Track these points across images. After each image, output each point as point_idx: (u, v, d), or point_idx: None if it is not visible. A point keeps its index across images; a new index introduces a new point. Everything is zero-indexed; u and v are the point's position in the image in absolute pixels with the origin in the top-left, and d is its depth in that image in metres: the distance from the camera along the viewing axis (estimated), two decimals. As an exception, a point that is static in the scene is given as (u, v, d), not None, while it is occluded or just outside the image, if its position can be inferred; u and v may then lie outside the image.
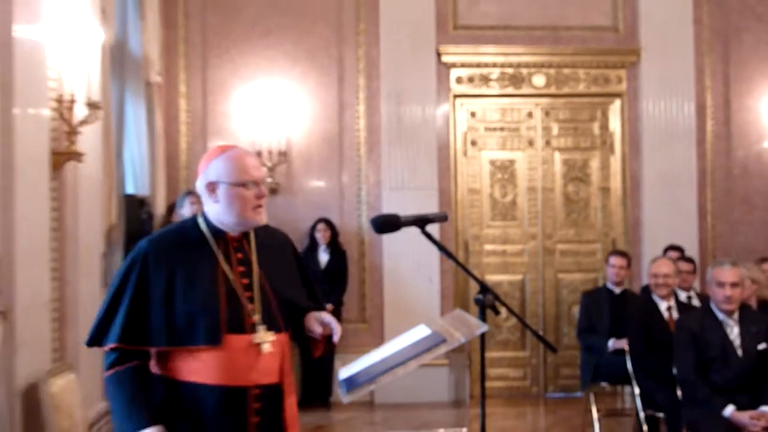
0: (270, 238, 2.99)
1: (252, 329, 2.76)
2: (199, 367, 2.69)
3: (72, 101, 4.58)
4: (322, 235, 7.87)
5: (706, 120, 8.53)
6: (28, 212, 4.16)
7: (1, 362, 3.81)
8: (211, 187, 2.81)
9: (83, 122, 4.68)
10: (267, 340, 2.79)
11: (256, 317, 2.78)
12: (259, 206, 2.83)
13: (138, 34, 6.80)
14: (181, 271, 2.73)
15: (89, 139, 5.02)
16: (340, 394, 2.79)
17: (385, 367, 2.74)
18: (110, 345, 2.68)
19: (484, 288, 2.97)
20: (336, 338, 2.87)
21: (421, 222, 2.98)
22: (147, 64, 7.01)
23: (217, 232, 2.84)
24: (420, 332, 2.88)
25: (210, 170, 2.83)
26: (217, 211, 2.84)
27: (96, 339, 2.74)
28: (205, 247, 2.81)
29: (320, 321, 2.86)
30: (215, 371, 2.69)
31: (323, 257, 7.89)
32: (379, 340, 7.54)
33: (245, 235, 2.89)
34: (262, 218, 2.88)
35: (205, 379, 2.70)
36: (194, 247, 2.80)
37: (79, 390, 4.55)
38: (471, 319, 2.97)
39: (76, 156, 4.68)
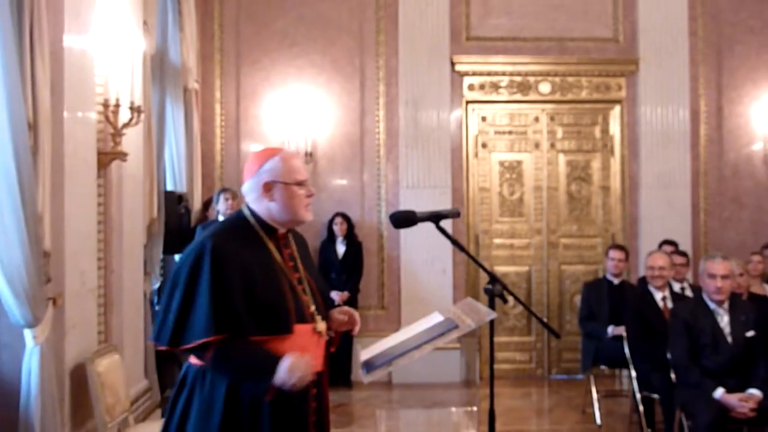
0: (297, 236, 2.98)
1: (312, 318, 2.75)
2: None
3: (117, 105, 4.60)
4: (339, 228, 7.88)
5: (699, 125, 8.48)
6: (77, 207, 4.19)
7: (51, 344, 3.82)
8: (267, 186, 2.76)
9: (127, 125, 4.70)
10: (323, 328, 2.80)
11: (312, 307, 2.78)
12: (309, 204, 2.84)
13: (177, 44, 6.83)
14: (249, 265, 2.67)
15: (132, 140, 5.04)
16: (361, 375, 2.79)
17: (402, 351, 2.74)
18: (199, 341, 2.56)
19: (493, 279, 2.97)
20: (356, 330, 2.90)
21: (435, 218, 2.98)
22: (185, 72, 7.04)
23: (269, 229, 2.81)
24: (434, 319, 2.89)
25: (265, 171, 2.78)
26: (270, 209, 2.79)
27: (176, 339, 2.60)
28: (261, 243, 2.77)
29: (348, 313, 2.88)
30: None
31: (340, 248, 7.91)
32: (396, 325, 7.56)
33: (287, 232, 2.88)
34: (311, 216, 2.88)
35: None
36: (252, 243, 2.75)
37: (123, 369, 4.57)
38: (481, 307, 2.96)
39: (121, 156, 4.71)
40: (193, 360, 2.69)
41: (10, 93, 3.39)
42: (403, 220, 2.99)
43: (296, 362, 2.55)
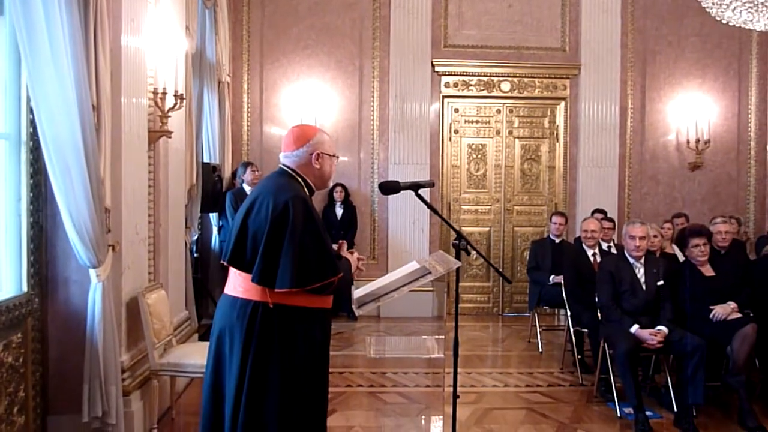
0: None
1: None
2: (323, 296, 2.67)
3: (164, 93, 4.55)
4: (338, 195, 7.90)
5: (627, 118, 8.48)
6: (132, 173, 4.17)
7: (111, 281, 3.82)
8: (318, 155, 2.74)
9: (172, 109, 4.65)
10: None
11: None
12: None
13: (213, 45, 6.75)
14: (319, 219, 2.66)
15: (176, 121, 5.00)
16: (354, 309, 2.81)
17: (386, 291, 2.76)
18: (336, 276, 2.57)
19: (460, 236, 2.98)
20: (354, 270, 2.91)
21: (414, 187, 2.99)
22: (219, 68, 6.97)
23: (311, 190, 2.79)
24: (411, 266, 2.90)
25: (316, 143, 2.75)
26: (315, 175, 2.78)
27: (322, 274, 2.55)
28: (311, 200, 2.72)
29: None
30: (329, 298, 2.72)
31: (339, 211, 7.93)
32: (385, 272, 7.50)
33: None
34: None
35: (325, 303, 2.72)
36: (311, 201, 2.69)
37: (168, 302, 4.58)
38: (449, 258, 2.98)
39: (167, 133, 4.67)
40: (258, 297, 2.59)
41: (78, 81, 3.35)
42: (389, 188, 3.00)
43: (351, 258, 2.84)
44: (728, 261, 5.32)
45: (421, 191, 3.01)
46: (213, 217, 7.23)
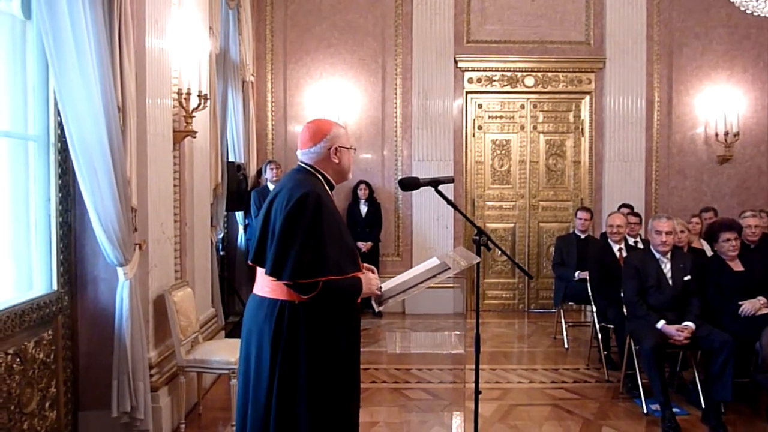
0: None
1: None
2: None
3: (188, 94, 4.60)
4: (362, 193, 7.90)
5: (653, 112, 8.37)
6: (157, 173, 4.22)
7: (138, 279, 3.88)
8: (336, 149, 2.74)
9: (196, 109, 4.70)
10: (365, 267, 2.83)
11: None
12: None
13: (237, 46, 6.80)
14: (335, 215, 2.65)
15: (201, 121, 5.06)
16: (374, 305, 2.81)
17: (407, 287, 2.76)
18: (325, 277, 2.51)
19: (480, 231, 2.97)
20: None
21: (434, 183, 2.98)
22: (243, 68, 7.02)
23: (330, 186, 2.78)
24: (432, 262, 2.89)
25: (332, 137, 2.74)
26: (334, 169, 2.77)
27: (313, 271, 2.49)
28: (329, 196, 2.71)
29: (371, 269, 2.88)
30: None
31: (363, 208, 7.92)
32: (409, 269, 7.59)
33: None
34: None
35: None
36: (328, 196, 2.68)
37: (194, 300, 4.64)
38: (470, 254, 2.97)
39: (192, 133, 4.72)
40: (285, 297, 2.59)
41: (104, 83, 3.41)
42: (409, 184, 2.99)
43: (369, 278, 2.71)
44: (758, 255, 5.22)
45: (443, 187, 3.01)
46: (239, 215, 7.31)
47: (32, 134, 3.51)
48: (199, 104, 4.72)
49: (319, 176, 2.75)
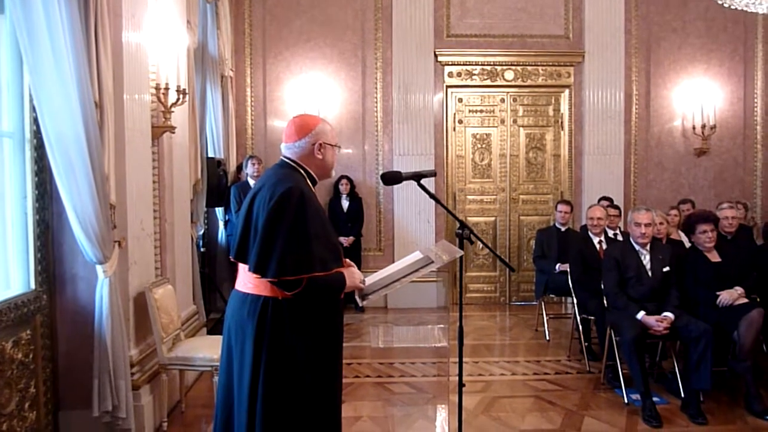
0: None
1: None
2: None
3: (166, 88, 4.55)
4: (344, 188, 7.88)
5: (632, 105, 8.45)
6: (136, 169, 4.18)
7: (118, 276, 3.84)
8: (320, 145, 2.72)
9: (174, 104, 4.65)
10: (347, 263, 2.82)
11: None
12: None
13: (215, 39, 6.73)
14: (319, 211, 2.64)
15: (179, 116, 5.00)
16: (357, 300, 2.81)
17: (390, 281, 2.76)
18: (309, 274, 2.49)
19: (463, 225, 2.98)
20: None
21: (417, 177, 2.98)
22: (222, 62, 6.96)
23: (313, 181, 2.77)
24: (415, 256, 2.90)
25: (317, 133, 2.73)
26: (318, 165, 2.76)
27: (297, 268, 2.48)
28: (313, 192, 2.69)
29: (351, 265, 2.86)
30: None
31: (345, 203, 7.90)
32: (391, 263, 7.60)
33: None
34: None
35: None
36: (312, 193, 2.67)
37: (175, 297, 4.59)
38: (453, 247, 2.98)
39: (170, 129, 4.67)
40: (268, 293, 2.57)
41: (80, 78, 3.35)
42: (391, 178, 2.99)
43: (351, 272, 2.70)
44: (735, 246, 5.30)
45: (425, 181, 3.01)
46: (219, 211, 7.26)
47: (7, 131, 3.45)
48: (178, 99, 4.67)
49: (302, 171, 2.74)
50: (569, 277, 6.01)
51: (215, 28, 6.72)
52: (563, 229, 6.82)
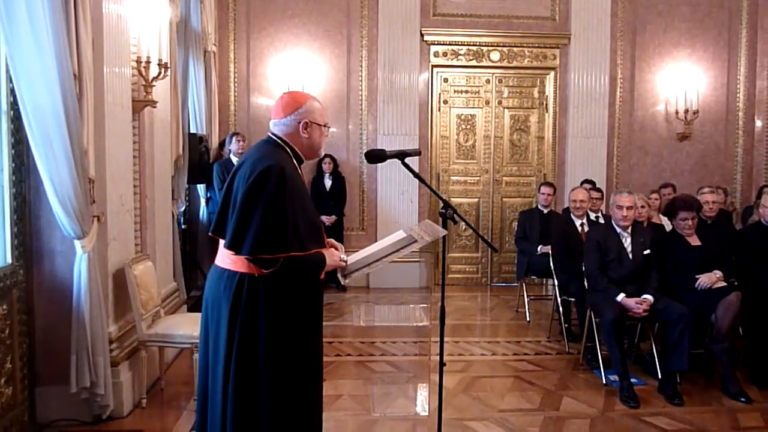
0: None
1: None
2: None
3: (147, 62, 4.47)
4: (327, 167, 7.83)
5: (616, 88, 8.45)
6: (116, 143, 4.11)
7: (97, 252, 3.80)
8: (306, 124, 2.68)
9: (156, 78, 4.57)
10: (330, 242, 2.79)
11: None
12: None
13: (198, 14, 6.61)
14: (301, 189, 2.59)
15: (161, 91, 4.92)
16: (339, 278, 2.79)
17: (372, 260, 2.74)
18: (287, 254, 2.44)
19: (446, 205, 2.96)
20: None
21: (401, 155, 2.94)
22: (205, 37, 6.85)
23: (299, 160, 2.73)
24: (398, 235, 2.88)
25: (304, 111, 2.68)
26: (303, 144, 2.71)
27: (274, 247, 2.43)
28: (297, 170, 2.66)
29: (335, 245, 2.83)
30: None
31: (328, 182, 7.86)
32: (374, 242, 7.59)
33: None
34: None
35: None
36: (295, 170, 2.62)
37: (155, 273, 4.55)
38: (436, 227, 2.96)
39: (151, 103, 4.59)
40: (245, 269, 2.54)
41: (59, 50, 3.28)
42: (375, 156, 2.95)
43: (332, 253, 2.68)
44: (715, 231, 5.35)
45: (409, 161, 2.97)
46: (201, 188, 7.18)
47: (-18, 101, 3.37)
48: (159, 73, 4.59)
49: (288, 149, 2.69)
50: (551, 259, 6.05)
51: (198, 1, 6.60)
52: (546, 211, 6.84)
